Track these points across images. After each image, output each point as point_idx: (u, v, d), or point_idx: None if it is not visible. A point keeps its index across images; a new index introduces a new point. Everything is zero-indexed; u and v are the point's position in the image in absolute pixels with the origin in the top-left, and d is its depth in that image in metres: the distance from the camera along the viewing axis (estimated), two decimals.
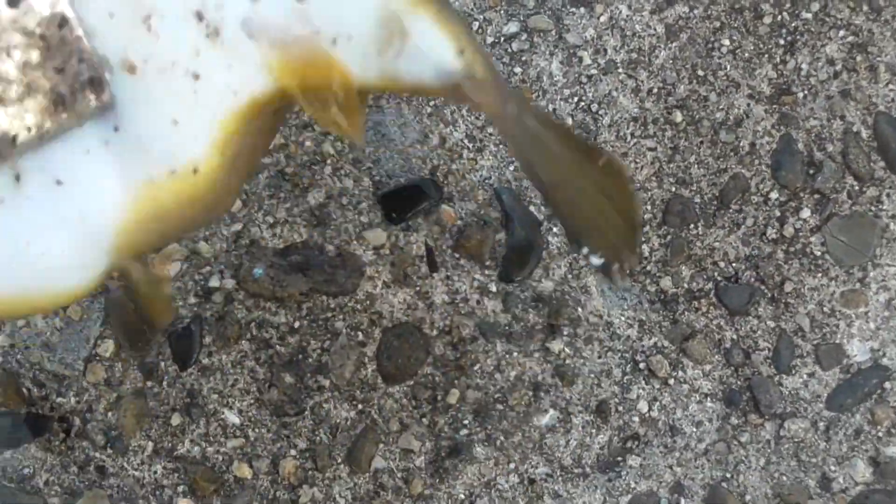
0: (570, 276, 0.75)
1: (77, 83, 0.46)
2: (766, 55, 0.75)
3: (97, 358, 0.74)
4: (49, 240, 0.50)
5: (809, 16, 0.75)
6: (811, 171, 0.75)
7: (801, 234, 0.75)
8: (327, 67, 0.45)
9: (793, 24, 0.75)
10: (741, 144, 0.75)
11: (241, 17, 0.45)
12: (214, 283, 0.75)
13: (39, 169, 0.49)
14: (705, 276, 0.75)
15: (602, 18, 0.76)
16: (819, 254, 0.75)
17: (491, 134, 0.76)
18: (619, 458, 0.74)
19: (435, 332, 0.74)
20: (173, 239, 0.72)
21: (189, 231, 0.71)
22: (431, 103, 0.76)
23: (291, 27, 0.45)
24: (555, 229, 0.75)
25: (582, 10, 0.76)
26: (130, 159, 0.50)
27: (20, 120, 0.46)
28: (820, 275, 0.74)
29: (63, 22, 0.45)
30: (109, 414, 0.74)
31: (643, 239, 0.75)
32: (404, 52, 0.44)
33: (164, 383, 0.74)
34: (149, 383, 0.74)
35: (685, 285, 0.75)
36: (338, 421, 0.74)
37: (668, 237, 0.75)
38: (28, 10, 0.43)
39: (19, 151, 0.47)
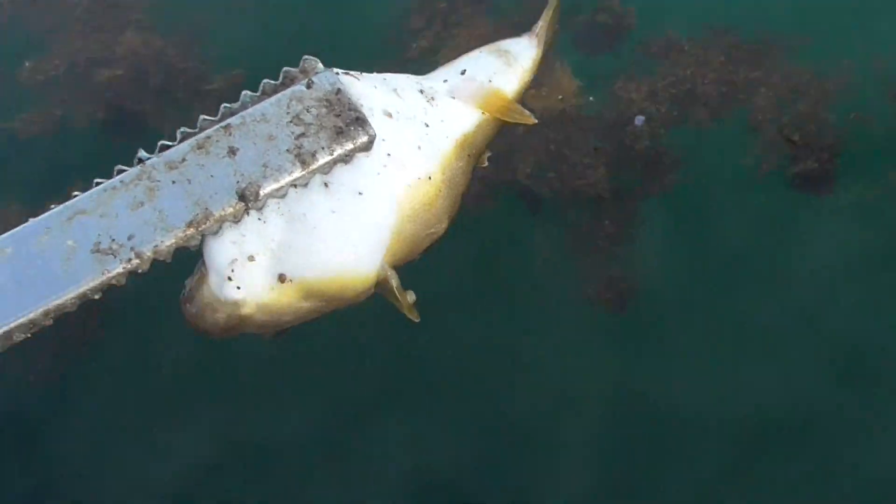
0: None
1: (349, 120, 0.83)
2: None
3: None
4: (352, 235, 0.83)
5: None
6: None
7: None
8: None
9: None
10: None
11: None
12: None
13: (341, 183, 0.85)
14: None
15: None
16: None
17: None
18: None
19: None
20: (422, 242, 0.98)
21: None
22: None
23: None
24: None
25: None
26: (397, 175, 0.89)
27: (317, 143, 0.81)
28: None
29: (338, 91, 0.89)
30: None
31: None
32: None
33: None
34: None
35: None
36: None
37: None
38: (319, 88, 0.91)
39: (321, 169, 0.85)
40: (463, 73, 1.02)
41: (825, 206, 4.25)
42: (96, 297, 0.77)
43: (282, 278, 0.77)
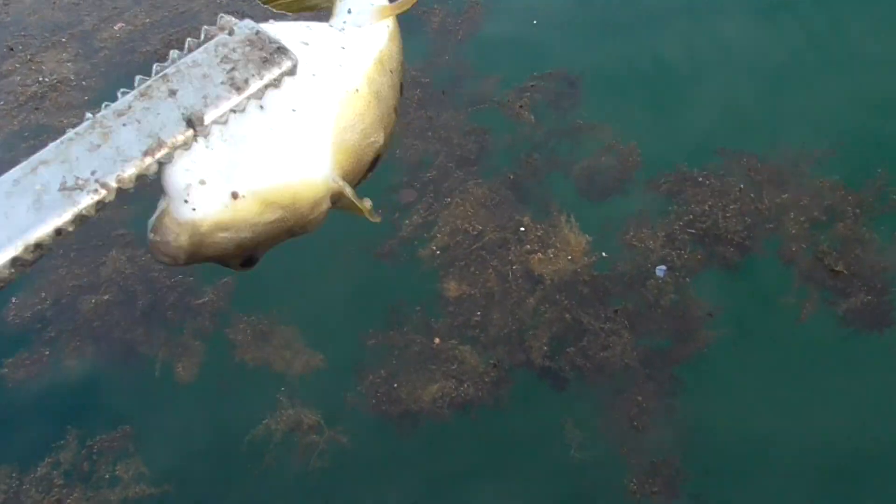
0: None
1: (271, 50, 0.93)
2: None
3: None
4: (294, 146, 0.93)
5: None
6: None
7: None
8: None
9: None
10: None
11: None
12: None
13: (275, 104, 0.94)
14: None
15: None
16: None
17: None
18: None
19: None
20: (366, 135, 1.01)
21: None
22: None
23: None
24: None
25: None
26: (325, 91, 0.98)
27: (247, 72, 0.92)
28: None
29: (258, 32, 0.97)
30: None
31: None
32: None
33: None
34: None
35: None
36: None
37: None
38: (240, 33, 0.96)
39: (255, 94, 0.94)
40: (349, 11, 1.19)
41: (886, 343, 3.73)
42: (70, 228, 0.92)
43: (234, 195, 0.92)
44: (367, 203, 1.11)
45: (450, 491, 3.56)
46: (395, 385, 3.86)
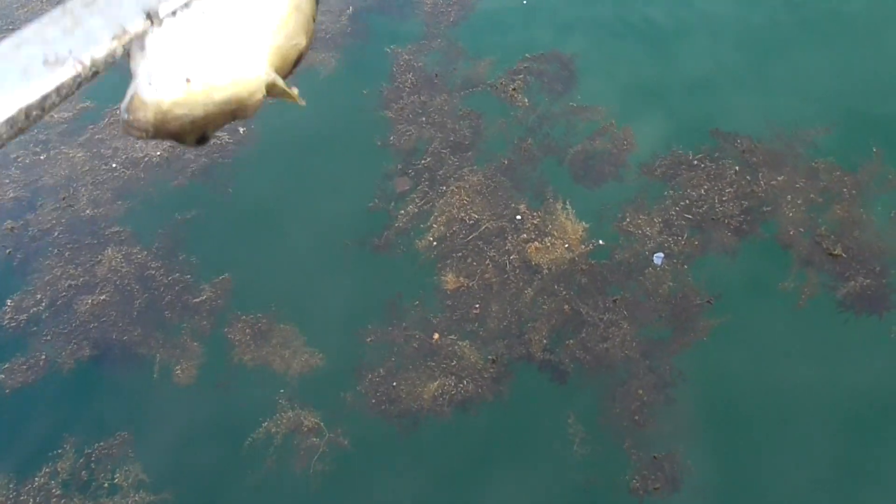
0: None
1: None
2: None
3: None
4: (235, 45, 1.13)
5: None
6: None
7: None
8: None
9: None
10: None
11: None
12: None
13: (217, 8, 1.13)
14: None
15: None
16: None
17: None
18: None
19: None
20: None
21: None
22: None
23: None
24: None
25: None
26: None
27: None
28: None
29: None
30: None
31: None
32: None
33: None
34: None
35: None
36: None
37: None
38: None
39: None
40: None
41: (886, 327, 3.72)
42: (55, 99, 1.04)
43: (187, 80, 1.16)
44: (295, 90, 1.27)
45: (452, 490, 3.58)
46: (395, 384, 3.85)
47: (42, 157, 5.17)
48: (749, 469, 3.50)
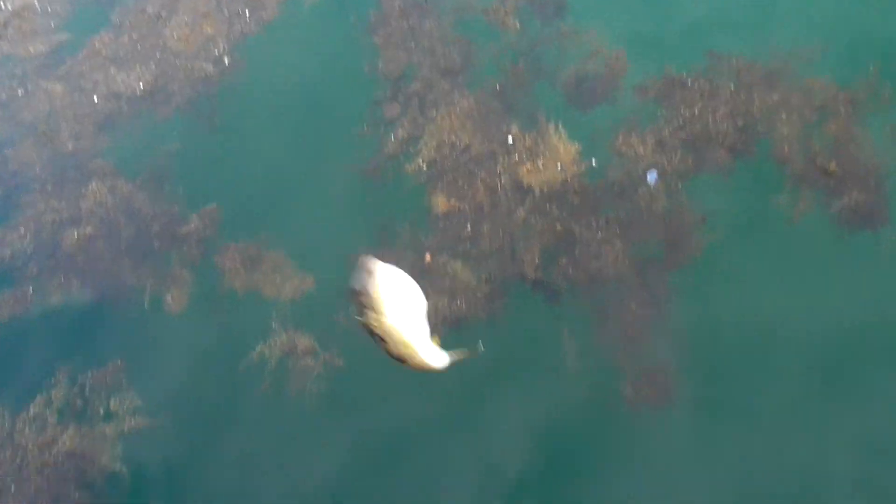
0: None
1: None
2: None
3: None
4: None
5: None
6: None
7: None
8: None
9: None
10: None
11: None
12: None
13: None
14: None
15: None
16: None
17: None
18: None
19: None
20: None
21: None
22: None
23: None
24: None
25: None
26: None
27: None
28: None
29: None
30: None
31: None
32: None
33: None
34: None
35: None
36: None
37: None
38: None
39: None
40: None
41: (882, 241, 3.70)
42: None
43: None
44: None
45: (449, 407, 3.56)
46: None
47: (20, 92, 5.06)
48: (739, 383, 3.50)
